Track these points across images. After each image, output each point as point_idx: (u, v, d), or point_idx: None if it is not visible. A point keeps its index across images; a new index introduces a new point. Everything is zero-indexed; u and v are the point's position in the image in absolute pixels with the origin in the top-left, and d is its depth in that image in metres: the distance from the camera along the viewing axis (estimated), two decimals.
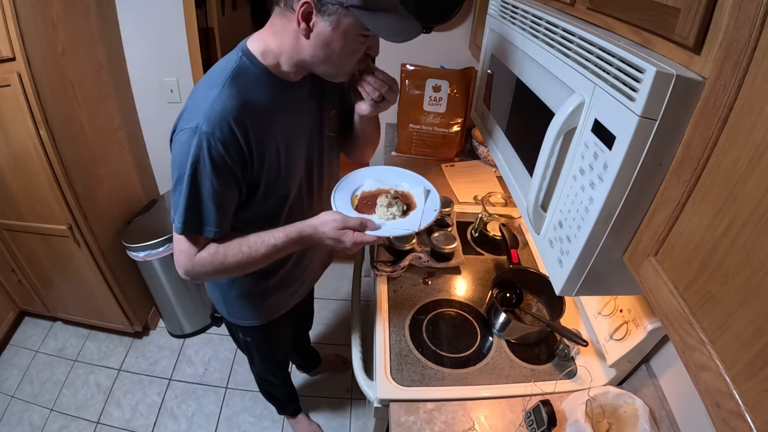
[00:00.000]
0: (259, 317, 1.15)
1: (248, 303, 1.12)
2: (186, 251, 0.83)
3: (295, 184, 0.94)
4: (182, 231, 0.80)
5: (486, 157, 1.78)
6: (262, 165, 0.84)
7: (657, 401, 0.90)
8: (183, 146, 0.75)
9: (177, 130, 0.77)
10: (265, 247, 0.85)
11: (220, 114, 0.74)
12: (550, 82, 0.73)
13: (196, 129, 0.74)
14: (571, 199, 0.64)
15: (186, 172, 0.75)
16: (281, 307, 1.17)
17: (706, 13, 0.43)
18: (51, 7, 1.37)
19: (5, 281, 1.93)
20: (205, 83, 0.79)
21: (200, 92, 0.78)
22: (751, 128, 0.38)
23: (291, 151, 0.90)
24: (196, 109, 0.75)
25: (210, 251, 0.84)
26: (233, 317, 1.16)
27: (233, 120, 0.76)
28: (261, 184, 0.86)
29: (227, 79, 0.77)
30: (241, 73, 0.79)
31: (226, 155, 0.76)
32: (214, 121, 0.74)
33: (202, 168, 0.75)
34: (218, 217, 0.80)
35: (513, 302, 1.20)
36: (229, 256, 0.84)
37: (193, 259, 0.83)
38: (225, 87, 0.76)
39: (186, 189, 0.76)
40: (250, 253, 0.85)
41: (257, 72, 0.81)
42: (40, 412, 1.78)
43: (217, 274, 0.87)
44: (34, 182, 1.48)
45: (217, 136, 0.74)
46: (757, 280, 0.37)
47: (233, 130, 0.76)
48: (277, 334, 1.29)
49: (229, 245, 0.84)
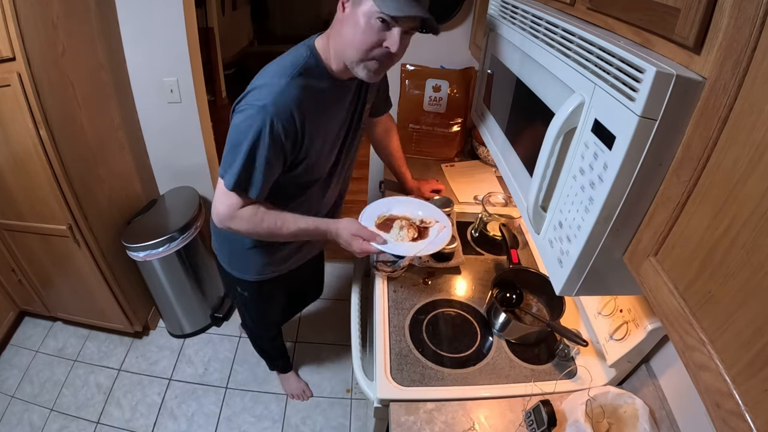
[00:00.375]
0: (256, 273, 1.28)
1: (250, 258, 1.24)
2: (230, 204, 0.97)
3: (326, 168, 1.10)
4: (232, 187, 0.93)
5: (486, 157, 1.78)
6: (309, 150, 0.98)
7: (657, 401, 0.90)
8: (249, 119, 0.88)
9: (244, 103, 0.90)
10: (296, 227, 1.02)
11: (286, 100, 0.89)
12: (550, 82, 0.73)
13: (264, 108, 0.87)
14: (571, 199, 0.64)
15: (247, 140, 0.88)
16: (275, 269, 1.29)
17: (706, 13, 0.43)
18: (51, 7, 1.37)
19: (5, 281, 1.92)
20: (276, 71, 0.92)
21: (270, 78, 0.91)
22: (751, 128, 0.38)
23: (331, 143, 1.06)
24: (266, 92, 0.89)
25: (251, 211, 0.98)
26: (233, 269, 1.30)
27: (295, 108, 0.90)
28: (302, 164, 1.00)
29: (296, 73, 0.91)
30: (307, 71, 0.93)
31: (283, 135, 0.90)
32: (281, 106, 0.88)
33: (262, 140, 0.89)
34: (264, 183, 0.94)
35: (513, 302, 1.20)
36: (265, 221, 0.99)
37: (235, 212, 0.97)
38: (293, 79, 0.90)
39: (244, 154, 0.89)
40: (281, 226, 1.01)
41: (319, 72, 0.95)
42: (40, 412, 1.78)
43: (247, 231, 1.01)
44: (34, 182, 1.48)
45: (281, 117, 0.88)
46: (757, 280, 0.37)
47: (293, 116, 0.90)
48: (270, 295, 1.43)
49: (268, 213, 0.99)
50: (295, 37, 1.19)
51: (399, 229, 1.11)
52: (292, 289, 1.61)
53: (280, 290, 1.46)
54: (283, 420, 1.80)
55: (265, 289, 1.35)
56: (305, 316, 2.23)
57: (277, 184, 1.00)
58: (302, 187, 1.09)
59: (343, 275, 2.45)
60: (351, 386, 1.93)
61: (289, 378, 1.88)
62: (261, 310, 1.51)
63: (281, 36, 5.18)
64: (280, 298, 1.51)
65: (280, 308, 1.58)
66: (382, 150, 1.48)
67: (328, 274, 2.41)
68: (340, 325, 2.14)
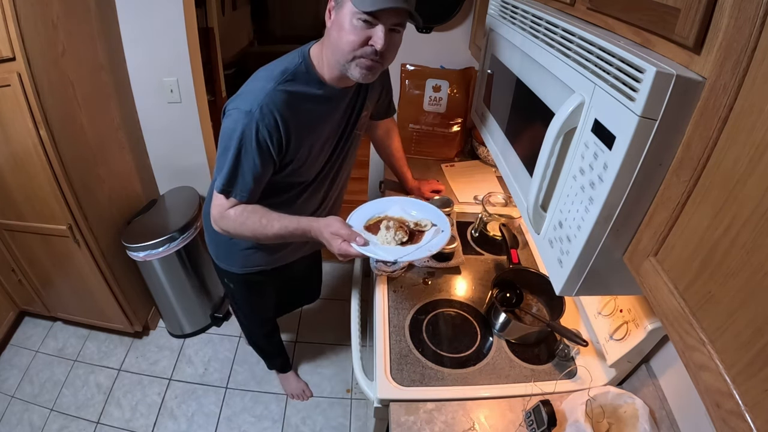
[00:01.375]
0: (240, 266, 1.29)
1: (233, 250, 1.25)
2: (219, 206, 1.00)
3: (315, 171, 1.11)
4: (221, 190, 0.97)
5: (486, 157, 1.78)
6: (295, 153, 1.00)
7: (657, 401, 0.90)
8: (236, 123, 0.91)
9: (232, 107, 0.93)
10: (279, 225, 1.00)
11: (272, 105, 0.91)
12: (550, 82, 0.73)
13: (250, 113, 0.89)
14: (571, 199, 0.64)
15: (233, 145, 0.91)
16: (260, 262, 1.29)
17: (706, 13, 0.43)
18: (51, 7, 1.37)
19: (5, 281, 1.92)
20: (265, 76, 0.94)
21: (259, 82, 0.94)
22: (751, 128, 0.38)
23: (320, 149, 1.06)
24: (253, 96, 0.91)
25: (237, 211, 1.00)
26: (220, 261, 1.32)
27: (280, 114, 0.92)
28: (290, 165, 1.02)
29: (284, 79, 0.93)
30: (296, 78, 0.95)
31: (268, 139, 0.92)
32: (265, 110, 0.90)
33: (248, 145, 0.91)
34: (252, 185, 0.97)
35: (513, 302, 1.20)
36: (249, 219, 1.00)
37: (223, 213, 1.00)
38: (280, 84, 0.92)
39: (232, 158, 0.92)
40: (266, 225, 1.00)
41: (309, 78, 0.97)
42: (40, 412, 1.78)
43: (234, 230, 1.02)
44: (34, 182, 1.48)
45: (266, 122, 0.90)
46: (757, 280, 0.37)
47: (277, 121, 0.92)
48: (257, 289, 1.44)
49: (253, 212, 1.00)
50: (295, 37, 1.20)
51: (386, 230, 1.00)
52: (284, 286, 1.61)
53: (270, 286, 1.46)
54: (283, 420, 1.80)
55: (252, 282, 1.36)
56: (305, 316, 2.23)
57: (267, 184, 1.01)
58: (291, 187, 1.10)
59: (343, 275, 2.45)
60: (351, 386, 1.93)
61: (288, 378, 1.88)
62: (249, 303, 1.52)
63: (281, 36, 5.17)
64: (269, 293, 1.50)
65: (270, 304, 1.58)
66: (383, 150, 1.48)
67: (327, 274, 2.42)
68: (340, 325, 2.14)
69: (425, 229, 1.04)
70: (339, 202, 1.33)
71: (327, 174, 1.15)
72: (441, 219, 1.07)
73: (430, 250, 0.98)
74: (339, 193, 1.30)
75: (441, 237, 1.01)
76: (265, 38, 5.10)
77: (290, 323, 2.16)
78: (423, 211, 1.10)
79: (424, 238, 1.02)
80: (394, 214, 1.08)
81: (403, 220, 1.06)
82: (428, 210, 1.10)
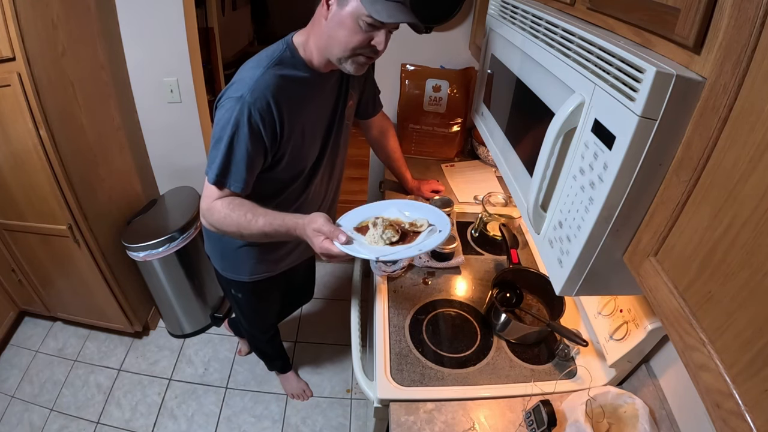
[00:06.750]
0: (249, 273, 1.27)
1: (240, 258, 1.24)
2: (208, 196, 0.96)
3: (310, 161, 1.09)
4: (214, 180, 0.93)
5: (486, 157, 1.78)
6: (288, 141, 0.98)
7: (657, 401, 0.90)
8: (228, 111, 0.89)
9: (224, 98, 0.91)
10: (264, 221, 0.94)
11: (263, 89, 0.90)
12: (550, 82, 0.73)
13: (241, 98, 0.88)
14: (571, 199, 0.64)
15: (227, 132, 0.89)
16: (268, 269, 1.29)
17: (706, 13, 0.43)
18: (51, 7, 1.37)
19: (5, 281, 1.92)
20: (252, 65, 0.94)
21: (247, 71, 0.93)
22: (751, 128, 0.38)
23: (312, 134, 1.05)
24: (243, 84, 0.90)
25: (225, 203, 0.95)
26: (226, 272, 1.29)
27: (271, 97, 0.91)
28: (285, 156, 1.00)
29: (271, 63, 0.93)
30: (282, 62, 0.94)
31: (261, 124, 0.90)
32: (257, 94, 0.89)
33: (240, 130, 0.89)
34: (246, 175, 0.94)
35: (513, 302, 1.20)
36: (235, 212, 0.94)
37: (210, 204, 0.96)
38: (268, 69, 0.92)
39: (225, 146, 0.90)
40: (250, 220, 0.94)
41: (295, 62, 0.96)
42: (40, 412, 1.78)
43: (219, 223, 0.96)
44: (34, 182, 1.48)
45: (258, 106, 0.89)
46: (757, 280, 0.37)
47: (270, 104, 0.91)
48: (264, 296, 1.42)
49: (240, 205, 0.95)
50: None
51: (374, 228, 0.94)
52: (287, 289, 1.61)
53: (276, 291, 1.45)
54: (283, 420, 1.80)
55: (260, 289, 1.34)
56: (305, 316, 2.23)
57: (260, 181, 1.00)
58: (285, 184, 1.08)
59: (343, 275, 2.45)
60: (351, 386, 1.93)
61: (288, 378, 1.88)
62: (256, 311, 1.50)
63: (281, 36, 5.17)
64: (275, 299, 1.50)
65: (275, 309, 1.58)
66: (380, 151, 1.48)
67: (327, 273, 2.43)
68: (340, 325, 2.14)
69: (421, 229, 0.99)
70: (335, 205, 1.33)
71: (320, 168, 1.14)
72: (440, 219, 1.02)
73: (420, 249, 0.92)
74: (334, 195, 1.29)
75: (435, 237, 0.96)
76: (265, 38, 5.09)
77: (290, 323, 2.16)
78: (420, 212, 1.04)
79: (418, 239, 0.97)
80: (390, 215, 1.02)
81: (398, 221, 1.01)
82: (426, 210, 1.05)
